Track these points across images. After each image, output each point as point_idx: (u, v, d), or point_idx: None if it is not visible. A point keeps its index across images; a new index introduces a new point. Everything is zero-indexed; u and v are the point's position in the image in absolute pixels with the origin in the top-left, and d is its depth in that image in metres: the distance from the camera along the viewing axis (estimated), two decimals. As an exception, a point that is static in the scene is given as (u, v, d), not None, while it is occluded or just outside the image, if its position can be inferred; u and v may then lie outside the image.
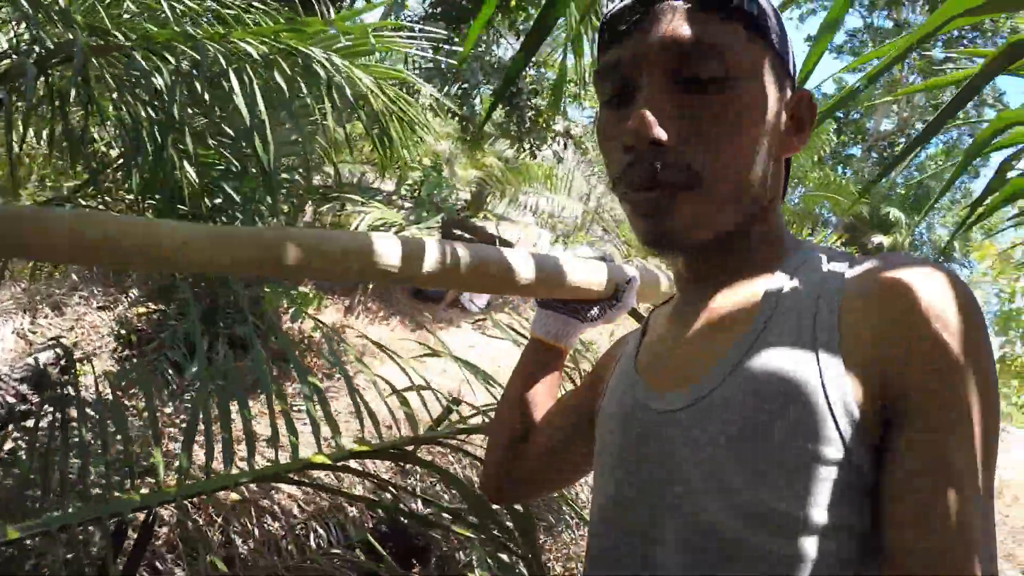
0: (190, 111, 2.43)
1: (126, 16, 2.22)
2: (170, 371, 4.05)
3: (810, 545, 0.55)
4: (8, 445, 2.62)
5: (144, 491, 1.50)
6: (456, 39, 7.47)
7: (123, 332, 5.02)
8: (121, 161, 2.90)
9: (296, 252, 0.77)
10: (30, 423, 3.40)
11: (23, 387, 3.72)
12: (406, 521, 1.86)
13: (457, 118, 8.15)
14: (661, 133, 0.61)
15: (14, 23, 2.14)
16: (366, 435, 1.72)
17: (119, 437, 1.76)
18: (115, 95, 2.11)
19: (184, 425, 3.02)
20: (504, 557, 1.58)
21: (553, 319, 1.00)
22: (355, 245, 0.82)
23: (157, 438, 1.80)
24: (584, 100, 9.14)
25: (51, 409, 3.19)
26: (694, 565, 0.59)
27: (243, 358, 4.05)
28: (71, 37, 1.78)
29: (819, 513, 0.55)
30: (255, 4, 2.04)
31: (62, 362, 4.11)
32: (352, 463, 1.61)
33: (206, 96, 1.94)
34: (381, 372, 1.88)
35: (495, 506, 1.48)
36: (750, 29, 0.64)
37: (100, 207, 2.99)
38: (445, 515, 1.48)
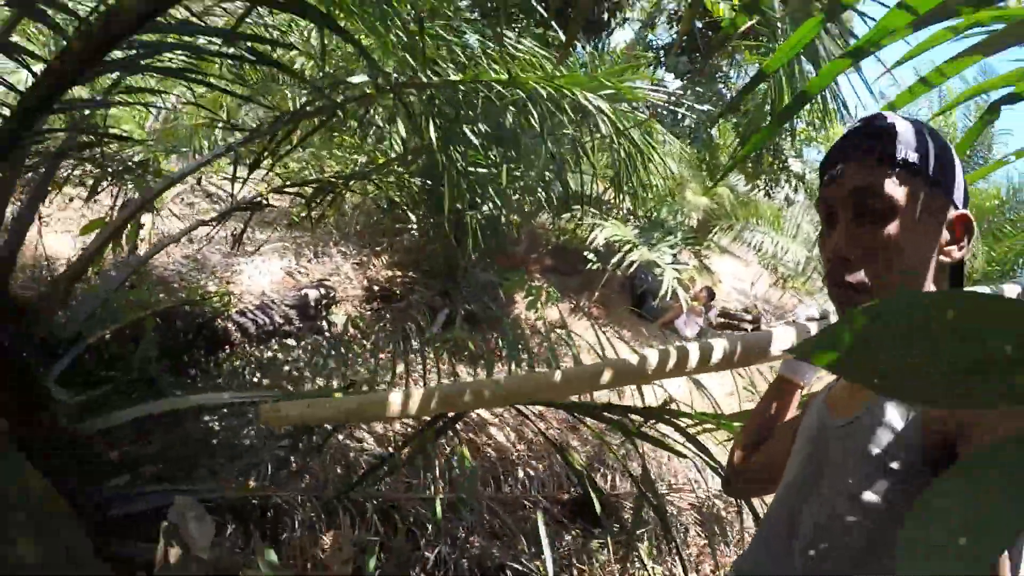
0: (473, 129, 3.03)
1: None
2: (412, 327, 4.87)
3: (888, 527, 0.87)
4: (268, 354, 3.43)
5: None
6: (697, 67, 7.82)
7: (374, 288, 5.94)
8: (410, 156, 3.67)
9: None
10: (290, 341, 4.33)
11: (292, 312, 4.67)
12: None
13: (694, 146, 8.51)
14: (846, 253, 0.93)
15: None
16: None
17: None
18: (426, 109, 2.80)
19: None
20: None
21: (796, 364, 1.33)
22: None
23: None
24: (821, 143, 9.07)
25: (310, 333, 4.09)
26: (819, 530, 0.95)
27: (472, 331, 4.78)
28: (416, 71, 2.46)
29: (901, 505, 0.86)
30: (538, 51, 2.64)
31: (323, 301, 5.08)
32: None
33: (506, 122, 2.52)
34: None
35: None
36: (912, 174, 0.92)
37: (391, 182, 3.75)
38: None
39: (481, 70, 2.35)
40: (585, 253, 7.23)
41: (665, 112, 7.22)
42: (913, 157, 0.92)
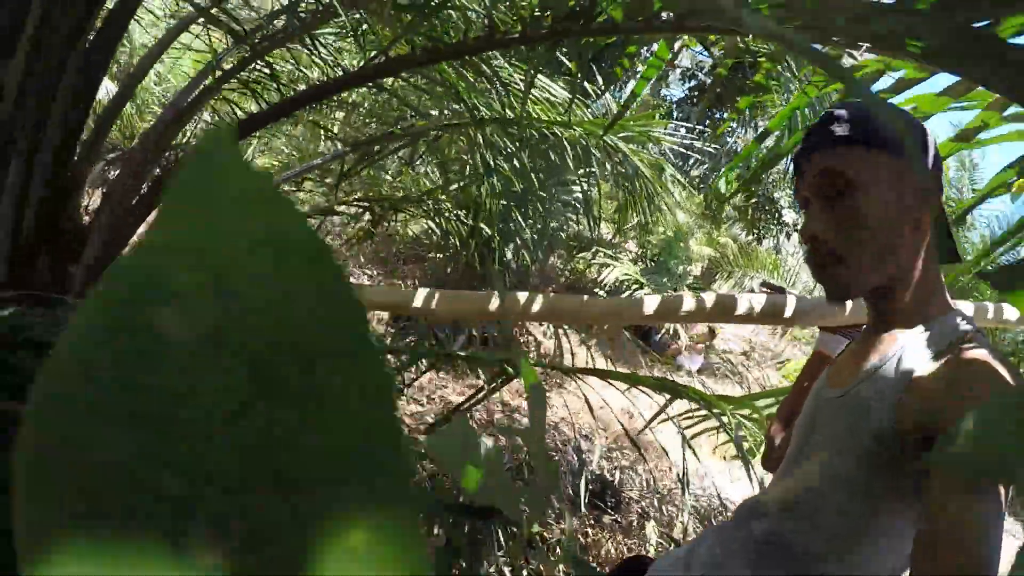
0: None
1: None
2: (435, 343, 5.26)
3: (860, 501, 0.90)
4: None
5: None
6: (708, 122, 8.33)
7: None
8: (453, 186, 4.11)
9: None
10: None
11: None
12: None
13: (702, 195, 8.97)
14: (815, 232, 0.96)
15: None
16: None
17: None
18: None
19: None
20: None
21: (830, 338, 1.36)
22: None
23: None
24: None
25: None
26: (800, 492, 0.98)
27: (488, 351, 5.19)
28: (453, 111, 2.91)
29: (870, 482, 0.88)
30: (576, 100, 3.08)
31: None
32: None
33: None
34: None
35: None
36: (870, 147, 0.93)
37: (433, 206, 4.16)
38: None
39: (519, 112, 2.77)
40: (596, 290, 7.64)
41: (677, 160, 7.69)
42: (862, 134, 0.94)
